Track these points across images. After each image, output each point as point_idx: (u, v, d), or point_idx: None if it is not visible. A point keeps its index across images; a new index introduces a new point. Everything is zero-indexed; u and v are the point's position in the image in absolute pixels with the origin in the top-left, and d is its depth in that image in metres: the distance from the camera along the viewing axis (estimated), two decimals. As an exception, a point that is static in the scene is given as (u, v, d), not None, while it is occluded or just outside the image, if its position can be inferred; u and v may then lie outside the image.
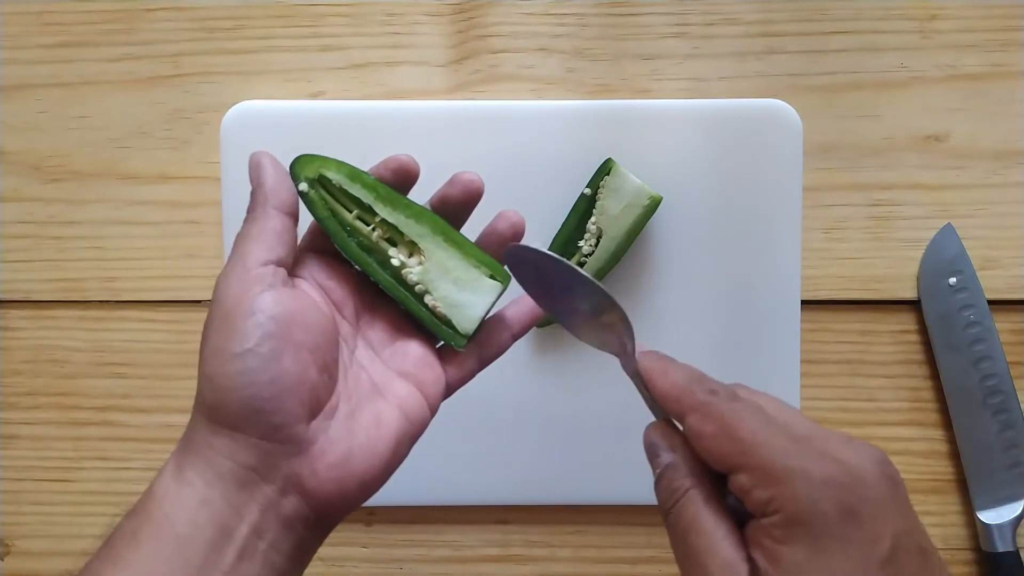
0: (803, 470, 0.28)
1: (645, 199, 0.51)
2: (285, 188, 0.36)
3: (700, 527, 0.30)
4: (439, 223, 0.38)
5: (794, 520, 0.28)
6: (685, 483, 0.31)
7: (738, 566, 0.29)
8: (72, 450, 0.57)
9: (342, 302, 0.38)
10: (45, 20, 0.56)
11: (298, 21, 0.55)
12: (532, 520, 0.56)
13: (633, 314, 0.53)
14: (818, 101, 0.55)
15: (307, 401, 0.34)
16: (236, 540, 0.32)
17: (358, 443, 0.35)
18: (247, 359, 0.32)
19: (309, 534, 0.35)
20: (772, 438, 0.29)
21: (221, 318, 0.33)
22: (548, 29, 0.55)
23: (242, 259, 0.34)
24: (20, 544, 0.57)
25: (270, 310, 0.33)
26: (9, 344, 0.57)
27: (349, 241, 0.38)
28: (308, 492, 0.34)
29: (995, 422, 0.54)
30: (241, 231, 0.35)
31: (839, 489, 0.28)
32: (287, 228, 0.36)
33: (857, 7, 0.55)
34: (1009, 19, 0.55)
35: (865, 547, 0.27)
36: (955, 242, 0.55)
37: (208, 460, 0.33)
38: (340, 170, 0.38)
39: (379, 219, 0.38)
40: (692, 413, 0.31)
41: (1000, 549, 0.53)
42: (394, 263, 0.38)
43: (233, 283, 0.34)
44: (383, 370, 0.38)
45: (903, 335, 0.56)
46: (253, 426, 0.33)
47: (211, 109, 0.55)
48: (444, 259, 0.38)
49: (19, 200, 0.56)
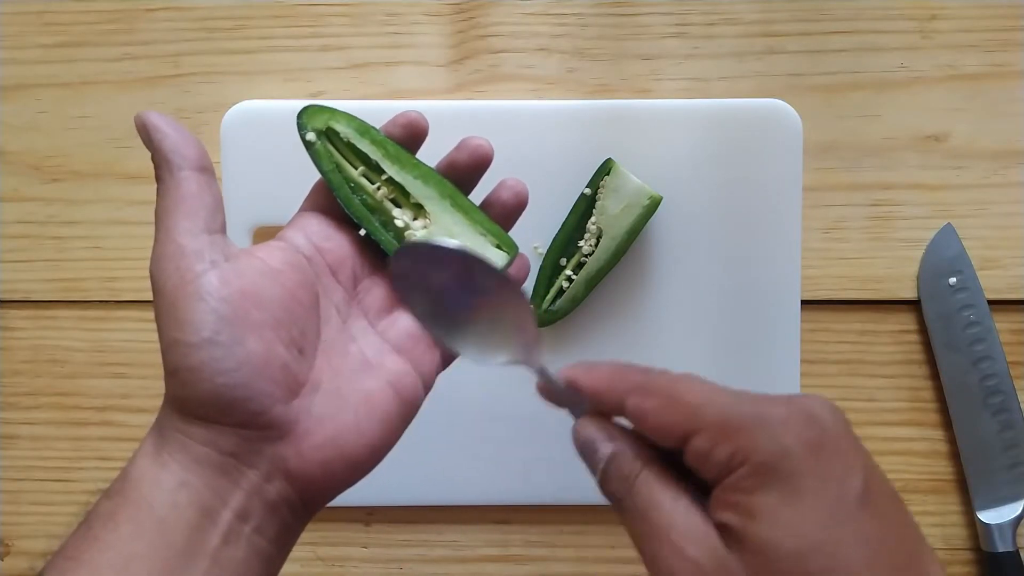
0: (759, 414, 0.27)
1: (645, 199, 0.51)
2: (187, 143, 0.33)
3: (657, 502, 0.28)
4: (447, 186, 0.37)
5: (762, 466, 0.26)
6: (635, 466, 0.30)
7: (706, 531, 0.27)
8: (72, 450, 0.57)
9: (339, 265, 0.36)
10: (45, 20, 0.56)
11: (298, 21, 0.55)
12: (532, 520, 0.56)
13: (633, 314, 0.54)
14: (818, 101, 0.55)
15: (281, 380, 0.32)
16: (220, 524, 0.31)
17: (346, 422, 0.33)
18: (208, 349, 0.30)
19: (294, 518, 0.33)
20: (718, 396, 0.28)
21: (167, 306, 0.31)
22: (548, 29, 0.55)
23: (170, 236, 0.31)
24: (20, 544, 0.57)
25: (218, 292, 0.31)
26: (9, 344, 0.57)
27: (353, 197, 0.36)
28: (294, 475, 0.32)
29: (995, 422, 0.54)
30: (157, 204, 0.32)
31: (799, 426, 0.27)
32: (205, 186, 0.33)
33: (857, 7, 0.55)
34: (1009, 19, 0.55)
35: (839, 482, 0.26)
36: (955, 242, 0.55)
37: (184, 446, 0.31)
38: (350, 123, 0.37)
39: (385, 178, 0.37)
40: (631, 394, 0.29)
41: (1000, 549, 0.53)
42: (398, 224, 0.36)
43: (168, 266, 0.31)
44: (377, 343, 0.35)
45: (903, 335, 0.56)
46: (228, 416, 0.31)
47: (211, 109, 0.55)
48: (449, 224, 0.37)
49: (19, 200, 0.56)
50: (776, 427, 0.27)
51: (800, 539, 0.25)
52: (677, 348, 0.54)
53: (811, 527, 0.26)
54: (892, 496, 0.28)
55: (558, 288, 0.52)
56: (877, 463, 0.28)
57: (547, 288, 0.52)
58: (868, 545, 0.26)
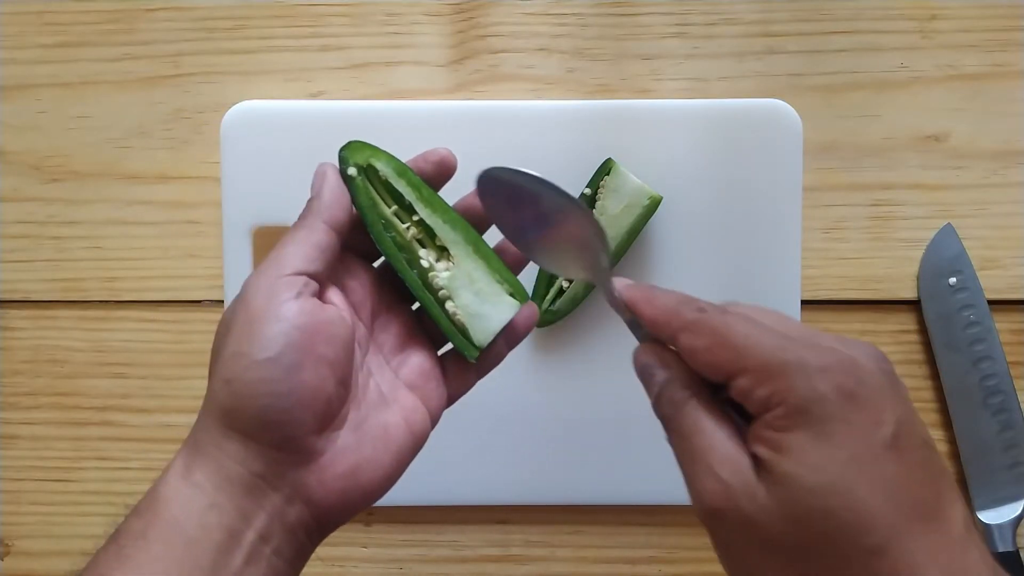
0: (799, 361, 0.28)
1: (645, 199, 0.51)
2: (341, 206, 0.36)
3: (702, 428, 0.31)
4: (472, 233, 0.38)
5: (796, 409, 0.28)
6: (684, 394, 0.32)
7: (740, 459, 0.29)
8: (72, 450, 0.57)
9: (360, 303, 0.38)
10: (45, 20, 0.56)
11: (298, 21, 0.55)
12: (532, 520, 0.56)
13: (633, 314, 0.54)
14: (818, 101, 0.55)
15: (321, 414, 0.34)
16: (244, 545, 0.32)
17: (365, 456, 0.35)
18: (269, 367, 0.32)
19: (309, 540, 0.35)
20: (765, 339, 0.29)
21: (246, 321, 0.33)
22: (548, 29, 0.55)
23: (277, 263, 0.34)
24: (20, 544, 0.57)
25: (295, 319, 0.33)
26: (9, 344, 0.57)
27: (385, 234, 0.37)
28: (314, 502, 0.34)
29: (995, 422, 0.54)
30: (286, 235, 0.35)
31: (837, 374, 0.28)
32: (331, 245, 0.35)
33: (857, 7, 0.55)
34: (1009, 19, 0.55)
35: (868, 428, 0.28)
36: (955, 242, 0.55)
37: (219, 463, 0.33)
38: (389, 163, 0.38)
39: (416, 219, 0.38)
40: (683, 332, 0.31)
41: (1000, 549, 0.53)
42: (423, 263, 0.38)
43: (263, 286, 0.33)
44: (391, 378, 0.38)
45: (903, 335, 0.56)
46: (266, 435, 0.33)
47: (211, 109, 0.55)
48: (471, 269, 0.38)
49: (19, 200, 0.56)
50: (813, 373, 0.28)
51: (822, 475, 0.27)
52: (677, 348, 0.54)
53: (834, 466, 0.27)
54: (923, 445, 0.29)
55: (558, 288, 0.52)
56: (915, 415, 0.30)
57: (547, 288, 0.52)
58: (888, 487, 0.27)
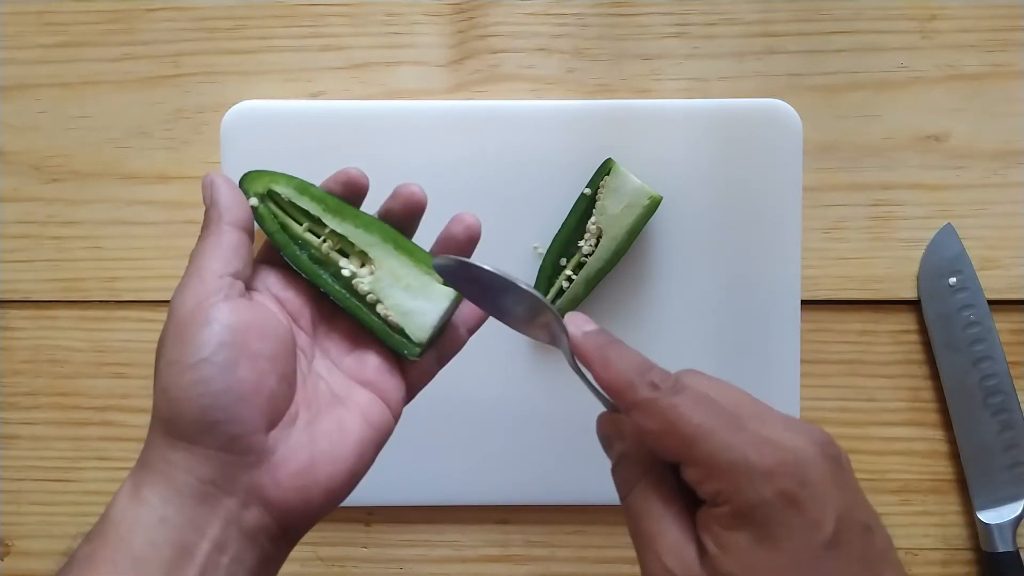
0: (745, 462, 0.29)
1: (645, 199, 0.51)
2: (239, 205, 0.36)
3: (650, 512, 0.31)
4: (389, 231, 0.38)
5: (739, 510, 0.29)
6: (636, 472, 0.33)
7: (685, 548, 0.30)
8: (72, 450, 0.57)
9: (298, 313, 0.38)
10: (45, 20, 0.56)
11: (298, 21, 0.55)
12: (532, 520, 0.56)
13: (633, 314, 0.54)
14: (818, 101, 0.55)
15: (265, 410, 0.33)
16: (197, 558, 0.32)
17: (320, 450, 0.34)
18: (202, 369, 0.32)
19: (273, 546, 0.34)
20: (715, 431, 0.30)
21: (176, 330, 0.33)
22: (548, 29, 0.55)
23: (198, 272, 0.34)
24: (20, 544, 0.57)
25: (226, 319, 0.33)
26: (9, 344, 0.57)
27: (300, 254, 0.38)
28: (271, 502, 0.33)
29: (995, 422, 0.54)
30: (196, 247, 0.36)
31: (780, 478, 0.29)
32: (242, 243, 0.36)
33: (857, 7, 0.55)
34: (1009, 19, 0.55)
35: (808, 531, 0.29)
36: (955, 242, 0.55)
37: (166, 476, 0.32)
38: (288, 184, 0.38)
39: (328, 231, 0.38)
40: (635, 410, 0.31)
41: (1000, 549, 0.53)
42: (345, 274, 0.38)
43: (189, 296, 0.34)
44: (343, 379, 0.38)
45: (903, 335, 0.56)
46: (210, 437, 0.32)
47: (211, 109, 0.55)
48: (395, 267, 0.38)
49: (19, 200, 0.56)
50: (758, 477, 0.29)
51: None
52: (677, 348, 0.54)
53: (774, 571, 0.29)
54: (863, 532, 0.30)
55: (558, 288, 0.52)
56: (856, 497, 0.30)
57: (547, 288, 0.52)
58: None
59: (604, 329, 0.34)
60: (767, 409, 0.32)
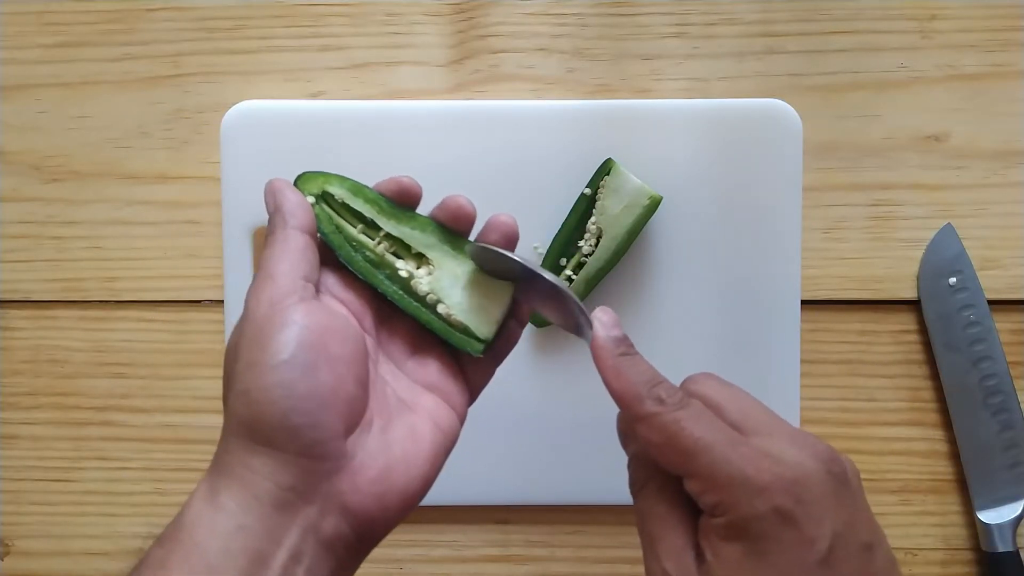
0: (744, 478, 0.30)
1: (645, 199, 0.51)
2: (303, 209, 0.36)
3: (655, 513, 0.32)
4: (446, 233, 0.38)
5: (735, 523, 0.30)
6: (644, 474, 0.34)
7: (685, 553, 0.31)
8: (72, 450, 0.57)
9: (360, 315, 0.37)
10: (45, 20, 0.56)
11: (298, 21, 0.55)
12: (532, 520, 0.56)
13: (633, 314, 0.54)
14: (818, 101, 0.55)
15: (344, 414, 0.33)
16: (273, 568, 0.31)
17: (396, 457, 0.34)
18: (284, 371, 0.31)
19: (347, 556, 0.34)
20: (714, 446, 0.30)
21: (254, 332, 0.33)
22: (548, 29, 0.55)
23: (270, 275, 0.34)
24: (20, 544, 0.57)
25: (304, 321, 0.33)
26: (9, 344, 0.57)
27: (355, 255, 0.37)
28: (350, 510, 0.33)
29: (995, 422, 0.54)
30: (264, 252, 0.35)
31: (776, 494, 0.29)
32: (309, 246, 0.35)
33: (857, 7, 0.55)
34: (1009, 19, 0.55)
35: (801, 548, 0.29)
36: (955, 242, 0.55)
37: (245, 482, 0.31)
38: (343, 185, 0.38)
39: (384, 233, 0.38)
40: (639, 423, 0.32)
41: (1000, 549, 0.53)
42: (402, 275, 0.38)
43: (264, 298, 0.33)
44: (408, 384, 0.37)
45: (903, 335, 0.56)
46: (292, 441, 0.31)
47: (211, 109, 0.55)
48: (454, 267, 0.38)
49: (19, 200, 0.56)
50: (755, 492, 0.29)
51: None
52: (677, 348, 0.54)
53: None
54: (861, 551, 0.30)
55: (558, 288, 0.52)
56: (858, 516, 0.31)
57: (547, 288, 0.52)
58: None
59: (626, 337, 0.34)
60: (777, 421, 0.32)
